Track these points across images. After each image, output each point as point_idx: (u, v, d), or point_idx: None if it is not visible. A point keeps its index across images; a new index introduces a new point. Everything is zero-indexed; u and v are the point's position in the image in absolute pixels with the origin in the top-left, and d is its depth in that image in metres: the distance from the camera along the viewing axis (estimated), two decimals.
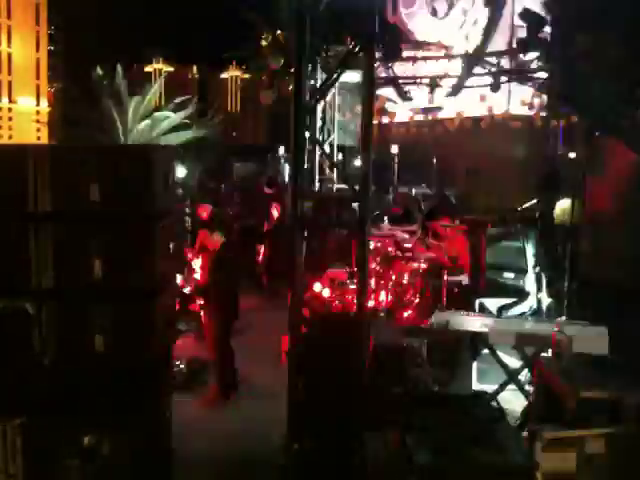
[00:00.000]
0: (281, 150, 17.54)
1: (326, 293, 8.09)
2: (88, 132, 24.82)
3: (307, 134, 5.46)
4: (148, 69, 46.55)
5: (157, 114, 26.52)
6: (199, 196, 10.56)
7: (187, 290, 9.01)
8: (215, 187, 16.66)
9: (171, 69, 47.84)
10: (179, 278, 7.70)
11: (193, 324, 9.53)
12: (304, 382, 4.31)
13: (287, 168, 12.51)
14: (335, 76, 5.88)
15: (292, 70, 5.29)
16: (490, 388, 5.75)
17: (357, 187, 4.67)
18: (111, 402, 3.80)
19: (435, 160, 18.65)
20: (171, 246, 4.36)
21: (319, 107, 9.52)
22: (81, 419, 3.67)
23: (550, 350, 4.58)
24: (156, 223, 3.98)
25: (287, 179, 12.08)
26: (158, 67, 47.31)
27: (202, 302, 7.36)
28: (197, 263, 9.22)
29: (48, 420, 3.67)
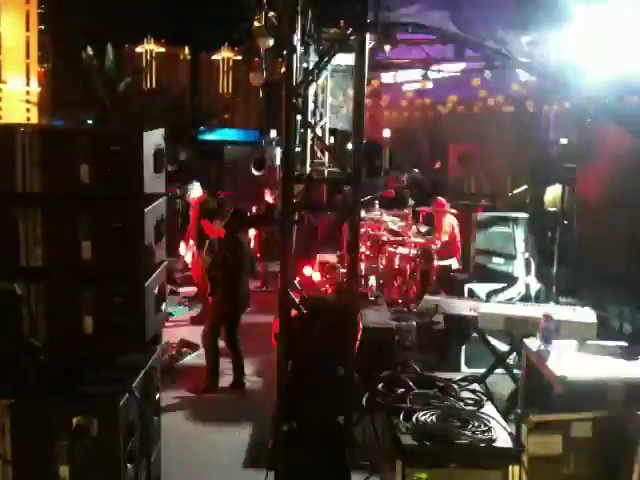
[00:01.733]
0: (273, 133, 17.46)
1: (316, 277, 8.11)
2: (78, 112, 24.61)
3: (299, 117, 5.43)
4: (139, 49, 45.98)
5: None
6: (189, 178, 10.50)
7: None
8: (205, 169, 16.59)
9: (162, 50, 47.30)
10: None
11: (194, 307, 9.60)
12: (293, 365, 4.33)
13: (278, 151, 12.46)
14: (327, 59, 5.84)
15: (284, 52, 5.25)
16: (478, 372, 5.80)
17: (349, 171, 4.66)
18: (100, 383, 3.81)
19: (427, 144, 18.63)
20: (161, 228, 4.33)
21: (311, 90, 9.47)
22: (70, 400, 3.67)
23: (538, 334, 4.60)
24: (146, 205, 3.96)
25: (278, 162, 12.03)
26: (149, 48, 46.76)
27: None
28: (187, 253, 9.25)
29: (37, 401, 3.67)
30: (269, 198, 11.31)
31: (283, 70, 5.81)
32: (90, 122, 23.58)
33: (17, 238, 3.79)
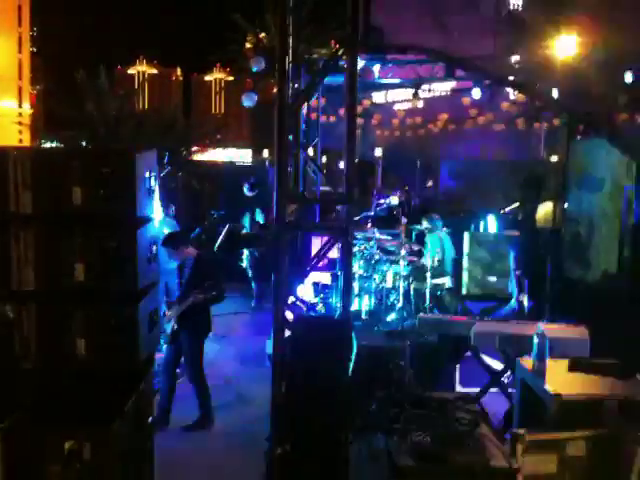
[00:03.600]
0: (265, 153, 17.53)
1: (310, 296, 8.10)
2: (71, 133, 24.65)
3: (291, 137, 5.46)
4: (132, 71, 46.33)
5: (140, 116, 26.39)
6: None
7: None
8: (199, 189, 16.61)
9: (155, 71, 47.69)
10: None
11: None
12: (287, 385, 4.30)
13: (271, 171, 12.50)
14: (319, 79, 5.89)
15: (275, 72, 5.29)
16: (473, 391, 5.79)
17: (341, 190, 4.68)
18: (92, 407, 3.77)
19: (419, 163, 18.74)
20: (154, 249, 4.33)
21: (303, 110, 9.52)
22: (62, 424, 3.63)
23: (532, 352, 4.60)
24: (139, 226, 3.95)
25: (271, 182, 12.07)
26: (142, 69, 47.10)
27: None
28: None
29: (29, 425, 3.63)
30: (260, 218, 11.32)
31: (275, 90, 5.84)
32: (83, 143, 23.61)
33: (9, 260, 3.77)
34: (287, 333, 4.44)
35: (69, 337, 3.81)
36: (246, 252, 11.36)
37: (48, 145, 24.16)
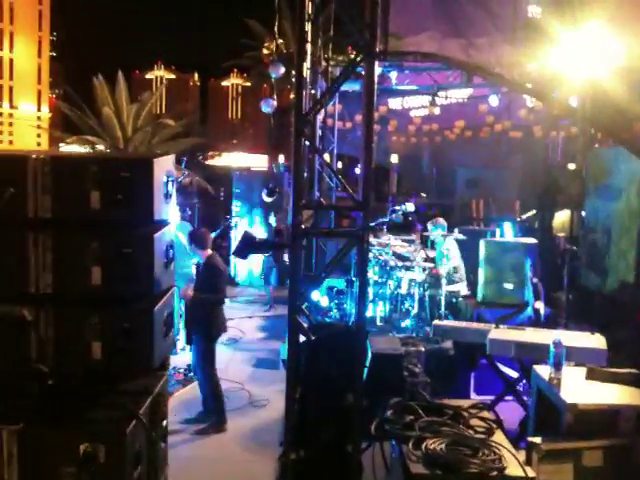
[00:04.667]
0: (281, 158, 17.58)
1: (324, 302, 8.10)
2: (89, 138, 24.88)
3: (307, 143, 5.47)
4: (149, 76, 46.61)
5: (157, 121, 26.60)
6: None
7: None
8: (215, 195, 16.68)
9: (172, 76, 47.96)
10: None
11: None
12: (301, 390, 4.30)
13: (287, 176, 12.53)
14: (336, 86, 5.89)
15: (293, 79, 5.31)
16: (488, 398, 5.75)
17: (357, 196, 4.68)
18: (108, 409, 3.79)
19: (435, 170, 18.70)
20: (170, 254, 4.35)
21: (319, 115, 9.54)
22: (77, 427, 3.65)
23: (548, 360, 4.57)
24: (156, 230, 3.97)
25: (287, 188, 12.10)
26: (159, 74, 47.39)
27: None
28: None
29: (44, 428, 3.65)
30: (272, 222, 11.34)
31: (292, 97, 5.85)
32: (101, 147, 23.79)
33: (27, 263, 3.80)
34: (302, 338, 4.44)
35: (85, 340, 3.83)
36: (262, 257, 11.37)
37: (66, 149, 24.36)
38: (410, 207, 9.36)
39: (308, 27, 5.32)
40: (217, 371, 6.68)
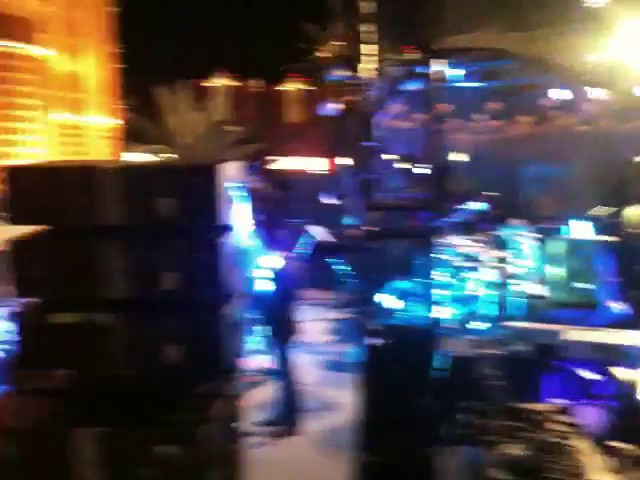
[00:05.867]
0: (343, 161, 17.56)
1: (391, 304, 8.00)
2: (156, 147, 25.50)
3: (369, 144, 5.43)
4: (209, 84, 47.45)
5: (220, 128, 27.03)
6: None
7: None
8: (282, 199, 16.76)
9: (231, 83, 48.70)
10: None
11: None
12: (373, 394, 4.26)
13: (350, 179, 12.49)
14: (397, 85, 5.84)
15: (354, 80, 5.28)
16: (564, 402, 5.57)
17: (423, 196, 4.61)
18: (181, 411, 3.85)
19: (499, 167, 18.33)
20: (237, 258, 4.39)
21: (380, 115, 9.48)
22: (154, 429, 3.73)
23: (628, 362, 4.38)
24: (220, 236, 4.04)
25: (350, 190, 12.06)
26: (221, 82, 48.20)
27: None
28: None
29: (123, 430, 3.74)
30: (338, 225, 11.27)
31: (353, 98, 5.83)
32: (166, 156, 24.34)
33: (101, 270, 3.90)
34: (372, 340, 4.39)
35: (157, 344, 3.91)
36: (331, 260, 11.34)
37: (133, 158, 25.01)
38: (476, 205, 9.17)
39: (365, 27, 5.28)
40: (291, 374, 6.75)
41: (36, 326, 3.85)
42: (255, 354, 8.38)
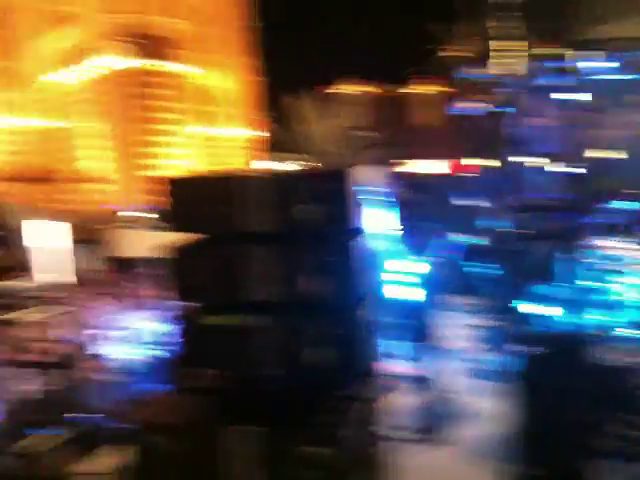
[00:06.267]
0: (477, 162, 17.14)
1: (533, 310, 7.68)
2: (292, 155, 26.19)
3: (508, 143, 5.26)
4: (339, 90, 47.97)
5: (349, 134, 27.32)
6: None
7: None
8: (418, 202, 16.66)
9: (362, 88, 48.90)
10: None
11: None
12: (535, 405, 4.07)
13: (487, 180, 12.14)
14: (536, 81, 5.63)
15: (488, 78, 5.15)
16: None
17: (568, 196, 4.40)
18: (324, 415, 3.90)
19: None
20: (370, 260, 4.41)
21: (514, 114, 9.16)
22: (305, 430, 3.82)
23: None
24: (353, 239, 4.08)
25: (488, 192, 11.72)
26: (349, 87, 48.57)
27: None
28: None
29: (277, 430, 3.86)
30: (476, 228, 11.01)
31: (489, 97, 5.69)
32: (301, 163, 24.91)
33: (248, 274, 4.05)
34: (528, 349, 4.22)
35: (298, 345, 4.00)
36: (475, 264, 11.07)
37: (270, 167, 25.82)
38: (626, 205, 8.61)
39: (493, 23, 5.13)
40: (436, 381, 6.68)
41: (196, 328, 4.04)
42: (395, 358, 8.38)
